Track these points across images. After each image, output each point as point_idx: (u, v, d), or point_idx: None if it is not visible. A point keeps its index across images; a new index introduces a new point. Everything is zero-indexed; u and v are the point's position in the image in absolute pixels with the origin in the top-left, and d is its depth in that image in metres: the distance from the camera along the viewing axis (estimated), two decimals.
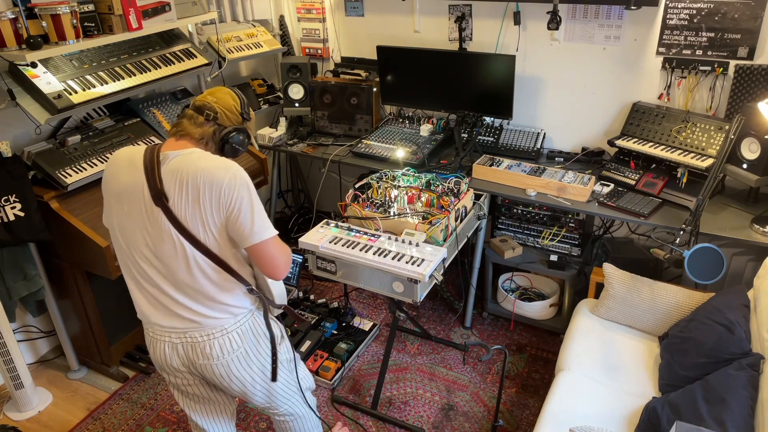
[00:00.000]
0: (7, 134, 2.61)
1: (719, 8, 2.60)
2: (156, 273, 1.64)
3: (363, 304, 3.45)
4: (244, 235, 1.56)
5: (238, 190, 1.53)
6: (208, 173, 1.53)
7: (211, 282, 1.63)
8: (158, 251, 1.60)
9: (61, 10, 2.34)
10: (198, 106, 1.66)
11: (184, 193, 1.54)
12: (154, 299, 1.68)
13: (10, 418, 2.73)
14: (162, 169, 1.56)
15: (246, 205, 1.55)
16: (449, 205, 2.51)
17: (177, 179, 1.54)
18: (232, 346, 1.72)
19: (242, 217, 1.55)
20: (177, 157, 1.58)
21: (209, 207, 1.53)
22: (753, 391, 1.80)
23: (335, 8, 3.67)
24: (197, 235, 1.56)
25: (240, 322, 1.73)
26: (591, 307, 2.56)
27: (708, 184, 2.30)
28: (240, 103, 1.72)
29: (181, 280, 1.62)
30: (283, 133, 3.57)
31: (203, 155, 1.60)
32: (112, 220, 1.66)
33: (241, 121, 1.72)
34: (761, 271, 2.19)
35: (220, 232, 1.58)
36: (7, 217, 2.41)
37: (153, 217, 1.57)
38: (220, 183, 1.52)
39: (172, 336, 1.70)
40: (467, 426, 2.58)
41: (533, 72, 3.19)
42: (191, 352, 1.71)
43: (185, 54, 3.08)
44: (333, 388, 2.80)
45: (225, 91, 1.72)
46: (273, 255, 1.62)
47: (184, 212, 1.55)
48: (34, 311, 2.81)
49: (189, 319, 1.67)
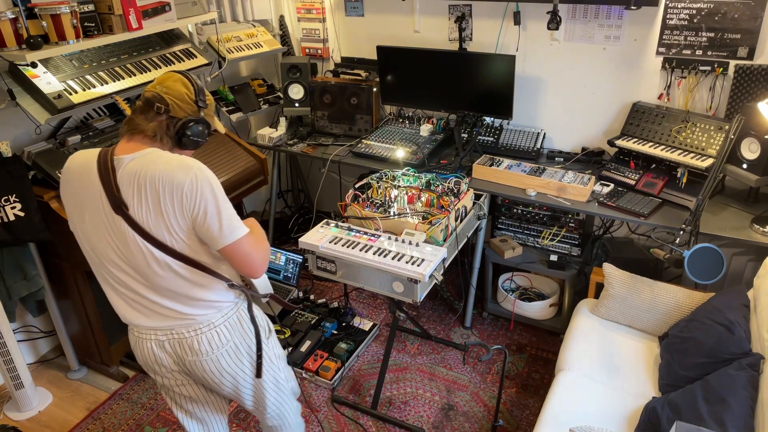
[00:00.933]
0: (7, 134, 2.61)
1: (719, 8, 2.60)
2: (130, 279, 1.57)
3: (363, 304, 3.45)
4: (213, 237, 1.49)
5: (200, 191, 1.44)
6: (167, 176, 1.43)
7: (189, 282, 1.56)
8: (127, 258, 1.53)
9: (61, 10, 2.34)
10: (147, 98, 1.54)
11: (144, 200, 1.45)
12: (134, 302, 1.61)
13: (10, 418, 2.73)
14: (118, 175, 1.47)
15: (211, 206, 1.46)
16: (449, 205, 2.51)
17: (135, 185, 1.45)
18: (221, 339, 1.66)
19: (209, 220, 1.46)
20: (132, 161, 1.48)
21: (172, 212, 1.45)
22: (753, 391, 1.80)
23: (335, 8, 3.67)
24: (164, 241, 1.49)
25: (227, 315, 1.67)
26: (591, 307, 2.56)
27: (708, 184, 2.30)
28: (194, 90, 1.60)
29: (157, 284, 1.55)
30: (283, 133, 3.57)
31: (160, 156, 1.49)
32: (76, 229, 1.59)
33: (196, 110, 1.60)
34: (761, 271, 2.19)
35: (188, 236, 1.50)
36: (7, 217, 2.41)
37: (115, 225, 1.49)
38: (180, 186, 1.43)
39: (158, 334, 1.63)
40: (467, 426, 2.58)
41: (533, 72, 3.19)
42: (179, 349, 1.64)
43: (185, 54, 3.08)
44: (333, 388, 2.80)
45: (175, 78, 1.59)
46: (246, 254, 1.54)
47: (146, 219, 1.46)
48: (34, 311, 2.81)
49: (173, 317, 1.61)
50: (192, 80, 1.60)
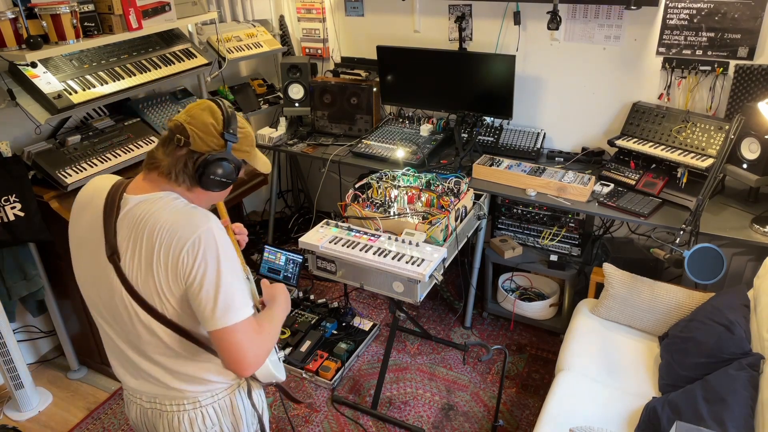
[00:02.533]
0: (7, 134, 2.61)
1: (719, 8, 2.60)
2: (116, 336, 1.37)
3: (363, 304, 3.45)
4: (203, 317, 1.22)
5: (201, 256, 1.19)
6: (169, 230, 1.21)
7: (176, 354, 1.32)
8: (112, 313, 1.32)
9: (61, 10, 2.34)
10: (170, 128, 1.30)
11: (137, 253, 1.23)
12: (122, 360, 1.41)
13: (10, 418, 2.73)
14: (120, 217, 1.27)
15: (210, 278, 1.20)
16: (449, 205, 2.51)
17: (132, 233, 1.24)
18: (205, 424, 1.40)
19: (203, 294, 1.20)
20: (138, 204, 1.27)
21: (164, 275, 1.22)
22: (753, 391, 1.80)
23: (335, 8, 3.67)
24: (152, 304, 1.26)
25: (218, 397, 1.41)
26: (591, 307, 2.56)
27: (708, 184, 2.30)
28: (222, 120, 1.30)
29: (143, 347, 1.33)
30: (283, 133, 3.57)
31: (168, 205, 1.25)
32: (74, 265, 1.40)
33: (222, 143, 1.30)
34: (761, 271, 2.19)
35: (181, 305, 1.26)
36: (7, 217, 2.41)
37: (105, 273, 1.28)
38: (179, 246, 1.20)
39: (143, 399, 1.43)
40: (467, 426, 2.58)
41: (533, 72, 3.19)
42: (158, 422, 1.42)
43: (185, 54, 3.08)
44: (333, 388, 2.80)
45: (204, 105, 1.32)
46: (237, 346, 1.22)
47: (136, 276, 1.24)
48: (34, 311, 2.81)
49: (157, 385, 1.38)
50: (223, 108, 1.32)
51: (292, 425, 2.60)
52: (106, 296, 1.31)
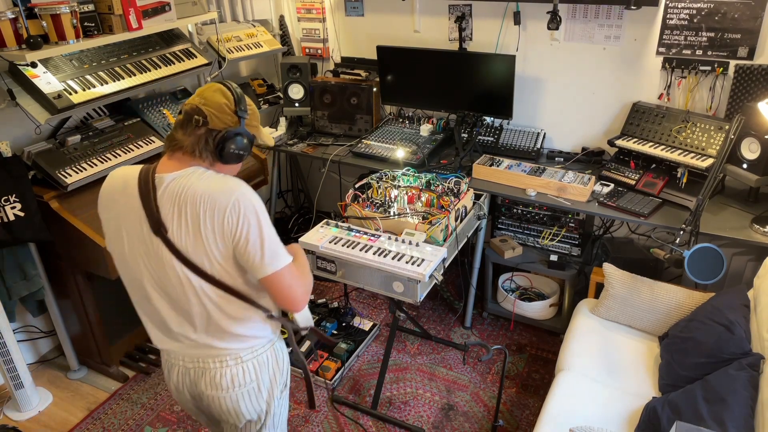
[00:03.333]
0: (7, 134, 2.61)
1: (719, 8, 2.60)
2: (163, 304, 1.50)
3: (363, 304, 3.45)
4: (254, 266, 1.41)
5: (243, 216, 1.36)
6: (209, 198, 1.36)
7: (224, 313, 1.48)
8: (161, 282, 1.46)
9: (61, 10, 2.34)
10: (186, 111, 1.45)
11: (184, 222, 1.38)
12: (165, 328, 1.54)
13: (10, 418, 2.73)
14: (158, 195, 1.41)
15: (254, 232, 1.37)
16: (449, 205, 2.51)
17: (175, 206, 1.39)
18: (245, 378, 1.55)
19: (250, 247, 1.38)
20: (173, 180, 1.41)
21: (212, 236, 1.37)
22: (753, 391, 1.80)
23: (335, 8, 3.67)
24: (202, 267, 1.41)
25: (257, 353, 1.57)
26: (591, 307, 2.56)
27: (708, 184, 2.30)
28: (233, 99, 1.46)
29: (189, 312, 1.48)
30: (283, 133, 3.57)
31: (202, 175, 1.42)
32: (113, 247, 1.53)
33: (236, 120, 1.46)
34: (761, 271, 2.19)
35: (228, 262, 1.42)
36: (7, 217, 2.41)
37: (153, 247, 1.42)
38: (222, 211, 1.35)
39: (186, 361, 1.56)
40: (467, 426, 2.58)
41: (533, 72, 3.19)
42: (201, 380, 1.56)
43: (185, 54, 3.08)
44: (333, 388, 2.80)
45: (215, 87, 1.47)
46: (288, 285, 1.45)
47: (185, 243, 1.39)
48: (34, 311, 2.81)
49: (201, 348, 1.53)
50: (232, 89, 1.47)
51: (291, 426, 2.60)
52: (156, 268, 1.44)
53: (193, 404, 1.66)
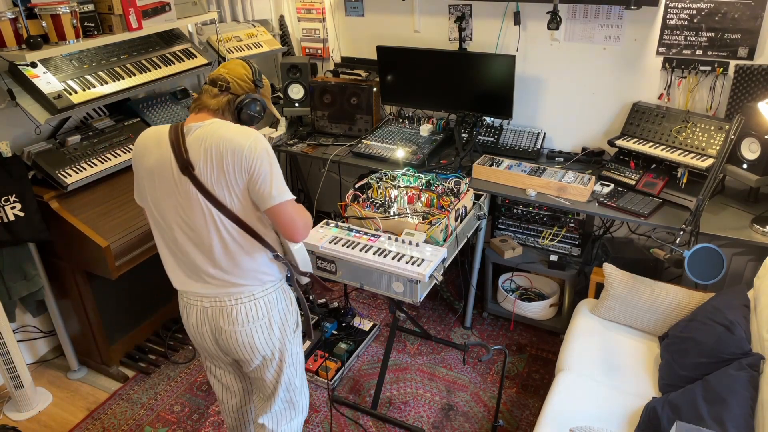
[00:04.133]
0: (7, 134, 2.61)
1: (719, 8, 2.60)
2: (188, 241, 1.70)
3: (363, 304, 3.45)
4: (264, 197, 1.63)
5: (258, 155, 1.60)
6: (230, 140, 1.60)
7: (239, 246, 1.69)
8: (189, 219, 1.67)
9: (61, 10, 2.34)
10: (212, 78, 1.74)
11: (209, 160, 1.60)
12: (187, 267, 1.75)
13: (10, 418, 2.73)
14: (187, 141, 1.63)
15: (266, 169, 1.62)
16: (449, 205, 2.51)
17: (202, 148, 1.61)
18: (257, 313, 1.77)
19: (262, 181, 1.62)
20: (200, 128, 1.64)
21: (232, 171, 1.60)
22: (753, 391, 1.80)
23: (335, 8, 3.67)
24: (223, 201, 1.63)
25: (267, 291, 1.79)
26: (591, 307, 2.56)
27: (708, 184, 2.30)
28: (251, 71, 1.77)
29: (210, 247, 1.69)
30: (283, 133, 3.57)
31: (224, 124, 1.66)
32: (146, 196, 1.73)
33: (254, 88, 1.78)
34: (761, 271, 2.19)
35: (244, 195, 1.65)
36: (7, 217, 2.41)
37: (182, 186, 1.63)
38: (241, 149, 1.59)
39: (204, 301, 1.77)
40: (467, 426, 2.58)
41: (533, 72, 3.19)
42: (218, 317, 1.77)
43: (185, 54, 3.08)
44: (333, 388, 2.80)
45: (237, 62, 1.79)
46: (291, 217, 1.69)
47: (209, 179, 1.61)
48: (34, 311, 2.81)
49: (218, 286, 1.74)
50: (251, 65, 1.79)
51: None
52: (185, 205, 1.65)
53: (213, 342, 1.83)
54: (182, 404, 2.76)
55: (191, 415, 2.70)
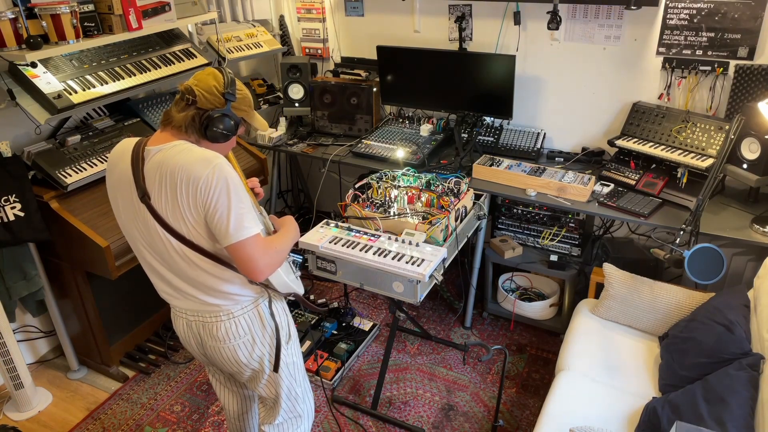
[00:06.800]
0: (7, 134, 2.61)
1: (719, 8, 2.60)
2: (158, 264, 1.65)
3: (363, 304, 3.45)
4: (220, 233, 1.51)
5: (215, 186, 1.46)
6: (186, 169, 1.47)
7: (208, 273, 1.60)
8: (152, 245, 1.61)
9: (61, 10, 2.34)
10: (180, 90, 1.58)
11: (164, 191, 1.50)
12: (165, 284, 1.70)
13: (10, 418, 2.73)
14: (146, 166, 1.53)
15: (222, 202, 1.47)
16: (449, 205, 2.51)
17: (157, 176, 1.51)
18: (238, 331, 1.70)
19: (219, 216, 1.48)
20: (158, 153, 1.53)
21: (186, 204, 1.50)
22: (753, 391, 1.80)
23: (335, 8, 3.67)
24: (181, 232, 1.54)
25: (246, 309, 1.70)
26: (591, 307, 2.56)
27: (708, 184, 2.30)
28: (223, 83, 1.57)
29: (180, 271, 1.62)
30: (283, 133, 3.57)
31: (184, 149, 1.52)
32: (116, 212, 1.67)
33: (223, 102, 1.57)
34: (761, 271, 2.19)
35: (202, 228, 1.54)
36: (7, 217, 2.41)
37: (141, 213, 1.56)
38: (196, 179, 1.46)
39: (188, 314, 1.72)
40: (467, 426, 2.58)
41: (533, 72, 3.19)
42: (202, 331, 1.72)
43: (185, 54, 3.08)
44: (333, 388, 2.80)
45: (209, 71, 1.60)
46: (250, 256, 1.52)
47: (165, 210, 1.52)
48: (34, 311, 2.81)
49: (197, 302, 1.68)
50: (224, 74, 1.60)
51: None
52: (144, 231, 1.59)
53: (201, 353, 1.80)
54: (182, 404, 2.76)
55: (191, 415, 2.70)
